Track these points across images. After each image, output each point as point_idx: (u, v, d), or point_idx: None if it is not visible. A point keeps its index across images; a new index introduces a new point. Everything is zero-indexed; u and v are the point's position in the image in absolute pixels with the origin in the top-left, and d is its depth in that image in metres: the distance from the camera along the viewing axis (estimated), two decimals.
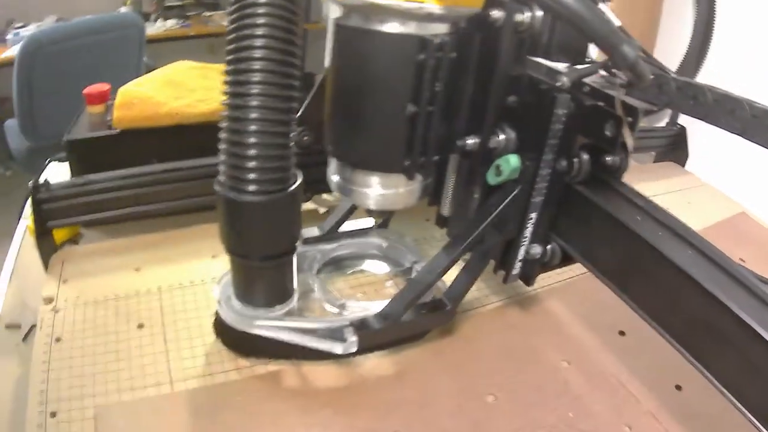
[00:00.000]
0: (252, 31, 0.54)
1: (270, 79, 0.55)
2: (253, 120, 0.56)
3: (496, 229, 0.72)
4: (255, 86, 0.55)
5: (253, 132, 0.56)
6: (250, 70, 0.55)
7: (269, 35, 0.54)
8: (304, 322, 0.69)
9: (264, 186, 0.60)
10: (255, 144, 0.57)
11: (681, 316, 0.58)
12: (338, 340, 0.67)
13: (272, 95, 0.56)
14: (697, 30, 1.37)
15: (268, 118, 0.56)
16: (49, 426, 0.63)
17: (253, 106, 0.55)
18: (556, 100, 0.64)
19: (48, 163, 1.07)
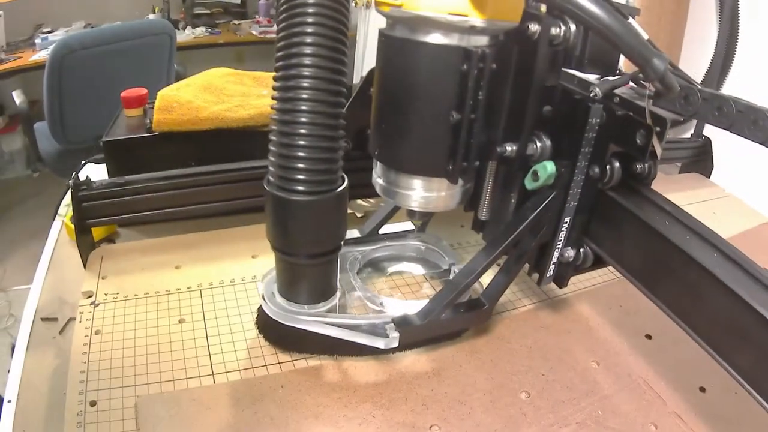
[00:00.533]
0: (302, 35, 0.56)
1: (319, 85, 0.57)
2: (303, 123, 0.58)
3: (532, 232, 0.74)
4: (305, 91, 0.57)
5: (303, 134, 0.59)
6: (300, 75, 0.57)
7: (319, 37, 0.57)
8: (347, 319, 0.71)
9: (312, 186, 0.62)
10: (305, 146, 0.59)
11: (706, 316, 0.60)
12: (380, 335, 0.70)
13: (321, 100, 0.59)
14: (721, 43, 1.39)
15: (317, 121, 0.59)
16: (88, 414, 0.64)
17: (303, 110, 0.58)
18: (589, 110, 0.66)
19: (84, 164, 1.09)
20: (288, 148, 0.60)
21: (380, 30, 0.67)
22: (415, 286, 0.90)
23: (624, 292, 0.94)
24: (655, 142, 0.61)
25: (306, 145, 0.59)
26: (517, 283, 0.94)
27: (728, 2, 1.37)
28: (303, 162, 0.60)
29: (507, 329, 0.84)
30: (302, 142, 0.59)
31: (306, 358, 0.75)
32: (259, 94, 1.06)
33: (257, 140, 0.99)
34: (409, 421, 0.68)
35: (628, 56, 0.55)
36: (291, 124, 0.58)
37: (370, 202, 1.13)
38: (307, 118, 0.57)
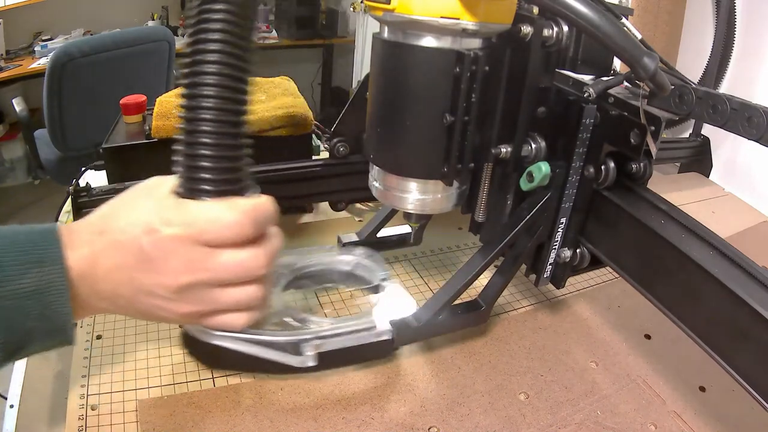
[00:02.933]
0: (205, 41, 0.50)
1: (222, 93, 0.51)
2: (205, 130, 0.52)
3: (528, 233, 0.74)
4: (206, 99, 0.51)
5: (204, 142, 0.52)
6: (202, 83, 0.51)
7: (221, 43, 0.50)
8: (263, 335, 0.66)
9: (214, 194, 0.54)
10: (206, 154, 0.52)
11: (704, 315, 0.60)
12: (295, 353, 0.66)
13: (223, 108, 0.52)
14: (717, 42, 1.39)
15: (219, 129, 0.52)
16: (89, 418, 0.64)
17: (205, 118, 0.51)
18: (583, 111, 0.67)
19: (84, 171, 1.09)
20: (191, 156, 0.53)
21: (374, 34, 0.68)
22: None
23: (622, 292, 0.94)
24: (649, 142, 0.61)
25: (208, 151, 0.52)
26: (515, 284, 0.95)
27: (724, 2, 1.37)
28: (205, 167, 0.53)
29: (505, 330, 0.84)
30: (203, 148, 0.52)
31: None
32: (257, 99, 1.06)
33: (255, 145, 0.99)
34: (408, 423, 0.68)
35: (618, 56, 0.55)
36: (193, 132, 0.52)
37: (368, 206, 1.13)
38: (209, 124, 0.51)
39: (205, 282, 0.52)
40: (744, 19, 1.39)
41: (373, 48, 0.68)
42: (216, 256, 0.51)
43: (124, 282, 0.51)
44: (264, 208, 0.54)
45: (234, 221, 0.51)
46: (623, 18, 0.68)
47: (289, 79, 1.19)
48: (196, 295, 0.53)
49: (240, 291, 0.55)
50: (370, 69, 0.70)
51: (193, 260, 0.50)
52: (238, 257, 0.52)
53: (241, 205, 0.52)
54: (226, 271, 0.52)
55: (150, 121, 1.02)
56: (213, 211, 0.51)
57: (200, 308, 0.54)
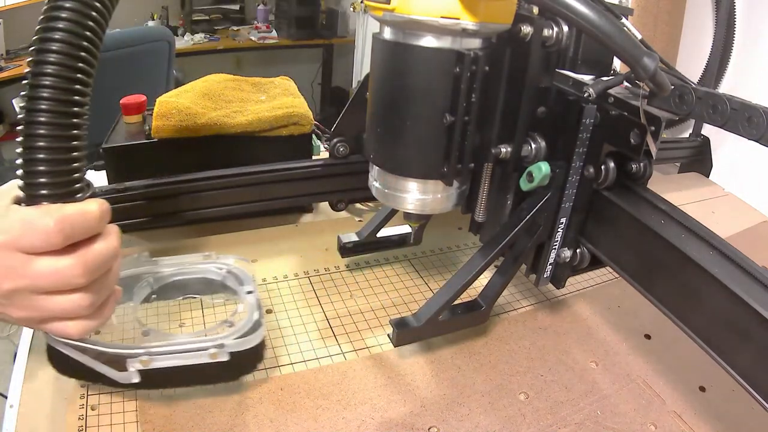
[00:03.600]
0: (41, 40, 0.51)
1: (54, 95, 0.51)
2: (32, 132, 0.52)
3: (528, 233, 0.74)
4: (39, 99, 0.51)
5: (34, 146, 0.52)
6: (38, 84, 0.51)
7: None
8: (95, 344, 0.63)
9: (38, 198, 0.53)
10: (32, 157, 0.52)
11: (704, 315, 0.60)
12: (120, 368, 0.64)
13: (52, 109, 0.52)
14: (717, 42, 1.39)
15: (46, 131, 0.52)
16: (89, 419, 0.65)
17: (35, 120, 0.51)
18: (583, 111, 0.67)
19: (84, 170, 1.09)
20: (23, 157, 0.53)
21: (374, 34, 0.68)
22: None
23: (622, 292, 0.94)
24: (649, 142, 0.61)
25: (33, 153, 0.52)
26: (515, 284, 0.95)
27: (724, 2, 1.37)
28: (32, 170, 0.52)
29: (505, 330, 0.84)
30: (29, 150, 0.52)
31: (305, 361, 0.75)
32: (257, 99, 1.06)
33: (256, 145, 0.99)
34: (408, 423, 0.68)
35: (618, 56, 0.55)
36: (26, 134, 0.52)
37: (368, 206, 1.13)
38: (38, 125, 0.51)
39: (26, 288, 0.51)
40: (744, 19, 1.39)
41: (373, 48, 0.68)
42: (32, 263, 0.51)
43: None
44: (82, 214, 0.52)
45: (43, 228, 0.50)
46: (623, 18, 0.68)
47: (289, 79, 1.19)
48: (21, 300, 0.52)
49: (63, 299, 0.53)
50: (370, 69, 0.70)
51: (10, 267, 0.50)
52: (54, 265, 0.51)
53: (54, 212, 0.51)
54: (42, 278, 0.51)
55: (150, 121, 1.02)
56: (28, 217, 0.50)
57: (31, 314, 0.53)
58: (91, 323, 0.57)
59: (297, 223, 1.09)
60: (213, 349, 0.64)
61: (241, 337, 0.66)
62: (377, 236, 0.93)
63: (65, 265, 0.51)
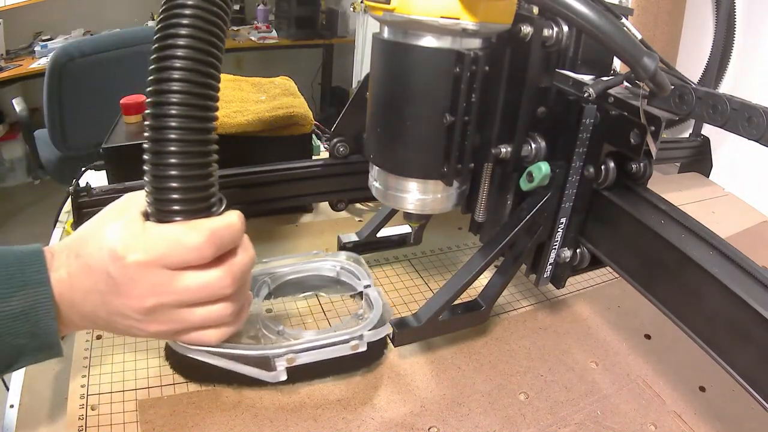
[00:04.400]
0: (173, 47, 0.50)
1: (187, 112, 0.50)
2: (168, 151, 0.51)
3: (528, 233, 0.74)
4: (172, 118, 0.50)
5: (169, 163, 0.51)
6: (167, 102, 0.50)
7: (190, 50, 0.50)
8: (236, 349, 0.66)
9: (179, 214, 0.53)
10: (170, 175, 0.52)
11: (704, 315, 0.60)
12: (267, 368, 0.66)
13: (188, 127, 0.51)
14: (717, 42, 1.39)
15: (184, 149, 0.51)
16: (89, 419, 0.65)
17: (169, 137, 0.51)
18: (583, 111, 0.67)
19: (84, 170, 1.09)
20: (156, 176, 0.52)
21: (374, 34, 0.68)
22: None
23: (622, 292, 0.94)
24: (649, 142, 0.61)
25: (172, 171, 0.51)
26: (515, 284, 0.95)
27: (724, 2, 1.37)
28: (170, 188, 0.52)
29: (505, 330, 0.84)
30: (168, 168, 0.51)
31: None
32: (257, 99, 1.06)
33: (256, 145, 0.99)
34: (408, 423, 0.68)
35: (618, 56, 0.55)
36: (157, 153, 0.51)
37: (368, 206, 1.13)
38: (174, 144, 0.50)
39: (171, 304, 0.53)
40: (744, 19, 1.39)
41: (373, 48, 0.68)
42: (179, 279, 0.52)
43: (99, 304, 0.52)
44: (228, 227, 0.54)
45: (194, 245, 0.51)
46: (623, 18, 0.68)
47: (289, 79, 1.19)
48: (163, 315, 0.53)
49: (207, 310, 0.55)
50: (370, 69, 0.70)
51: (156, 284, 0.51)
52: (202, 279, 0.53)
53: (202, 227, 0.52)
54: (190, 293, 0.53)
55: None
56: (174, 234, 0.51)
57: (170, 327, 0.55)
58: (229, 329, 0.60)
59: (297, 223, 1.09)
60: (354, 341, 0.69)
61: (374, 328, 0.71)
62: (377, 236, 0.93)
63: (214, 277, 0.53)
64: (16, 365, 0.53)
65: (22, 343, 0.51)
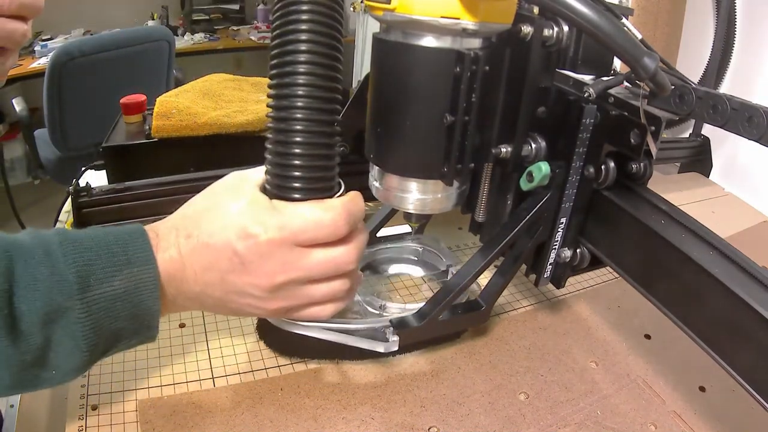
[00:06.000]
0: (296, 42, 0.52)
1: (314, 92, 0.54)
2: (299, 129, 0.54)
3: (528, 233, 0.74)
4: (300, 99, 0.53)
5: (299, 140, 0.55)
6: (294, 84, 0.53)
7: (312, 44, 0.52)
8: (347, 323, 0.70)
9: (308, 193, 0.57)
10: (300, 153, 0.55)
11: (704, 315, 0.60)
12: (380, 339, 0.69)
13: (316, 107, 0.54)
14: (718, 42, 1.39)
15: (313, 128, 0.55)
16: (89, 419, 0.65)
17: (299, 117, 0.54)
18: (583, 111, 0.67)
19: (84, 170, 1.09)
20: (284, 155, 0.55)
21: (374, 34, 0.67)
22: (414, 289, 0.90)
23: (623, 292, 0.94)
24: (649, 141, 0.61)
25: (302, 152, 0.55)
26: (515, 284, 0.95)
27: (724, 2, 1.37)
28: (299, 169, 0.55)
29: (505, 330, 0.84)
30: (298, 149, 0.55)
31: (305, 361, 0.76)
32: (257, 99, 1.06)
33: (256, 145, 0.98)
34: (408, 423, 0.68)
35: (618, 56, 0.55)
36: (286, 132, 0.54)
37: (368, 206, 1.13)
38: (303, 125, 0.54)
39: (298, 280, 0.55)
40: (744, 19, 1.39)
41: (373, 48, 0.68)
42: (310, 255, 0.54)
43: (215, 283, 0.53)
44: (355, 206, 0.56)
45: (330, 223, 0.53)
46: (623, 18, 0.68)
47: None
48: (288, 292, 0.55)
49: (330, 285, 0.57)
50: (370, 69, 0.70)
51: (288, 261, 0.53)
52: (331, 255, 0.55)
53: (335, 206, 0.54)
54: (319, 269, 0.55)
55: (150, 121, 1.02)
56: (309, 213, 0.53)
57: (291, 303, 0.56)
58: (342, 304, 0.61)
59: None
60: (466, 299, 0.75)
61: None
62: (377, 236, 0.93)
63: (342, 253, 0.56)
64: (112, 350, 0.53)
65: (121, 327, 0.51)
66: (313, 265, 0.54)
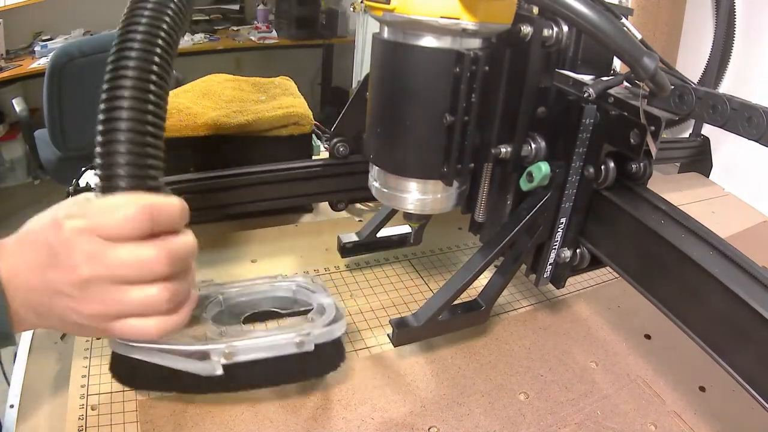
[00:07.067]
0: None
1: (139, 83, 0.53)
2: (114, 119, 0.53)
3: (528, 233, 0.74)
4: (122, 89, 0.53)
5: (110, 129, 0.53)
6: (122, 75, 0.53)
7: None
8: (172, 343, 0.62)
9: (117, 182, 0.53)
10: (109, 141, 0.53)
11: (704, 315, 0.60)
12: (204, 360, 0.62)
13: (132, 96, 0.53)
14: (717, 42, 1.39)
15: (122, 116, 0.53)
16: (89, 418, 0.65)
17: (115, 107, 0.53)
18: (583, 111, 0.67)
19: (84, 171, 1.09)
20: (101, 145, 0.54)
21: (374, 34, 0.68)
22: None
23: (622, 292, 0.94)
24: (649, 142, 0.61)
25: (110, 139, 0.53)
26: (515, 284, 0.95)
27: (724, 2, 1.37)
28: (111, 156, 0.53)
29: (505, 330, 0.84)
30: (108, 137, 0.53)
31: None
32: (257, 99, 1.06)
33: (256, 145, 0.99)
34: (408, 423, 0.68)
35: (618, 56, 0.55)
36: (104, 122, 0.54)
37: (368, 206, 1.13)
38: (116, 114, 0.53)
39: (104, 277, 0.50)
40: (744, 19, 1.39)
41: (373, 48, 0.68)
42: (113, 250, 0.49)
43: (39, 284, 0.51)
44: (166, 206, 0.52)
45: (130, 213, 0.49)
46: (623, 18, 0.68)
47: (289, 79, 1.19)
48: (99, 291, 0.51)
49: (143, 291, 0.52)
50: (370, 69, 0.70)
51: (91, 253, 0.49)
52: (136, 252, 0.50)
53: (139, 199, 0.50)
54: (123, 265, 0.50)
55: None
56: (111, 202, 0.50)
57: (105, 308, 0.52)
58: (169, 321, 0.55)
59: (297, 223, 1.09)
60: (299, 338, 0.64)
61: (326, 327, 0.67)
62: (377, 236, 0.93)
63: (149, 252, 0.51)
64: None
65: None
66: (116, 260, 0.49)
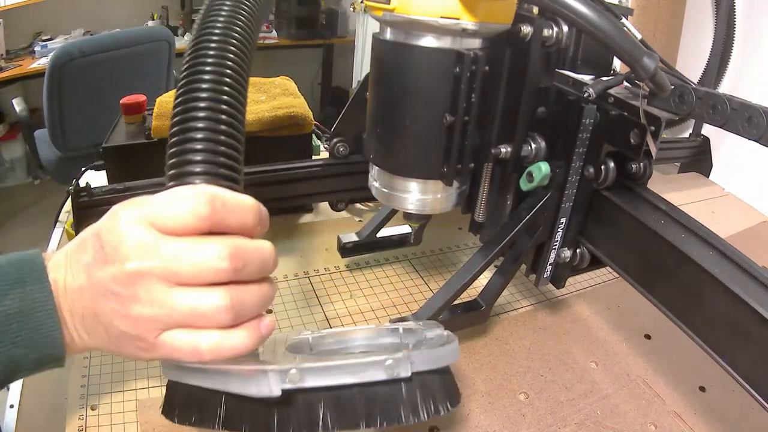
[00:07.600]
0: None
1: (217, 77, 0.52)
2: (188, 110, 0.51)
3: (528, 233, 0.74)
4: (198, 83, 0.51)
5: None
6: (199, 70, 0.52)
7: None
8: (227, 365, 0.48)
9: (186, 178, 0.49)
10: (180, 131, 0.50)
11: (704, 315, 0.60)
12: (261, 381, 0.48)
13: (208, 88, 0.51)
14: (717, 42, 1.39)
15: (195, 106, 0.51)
16: (89, 419, 0.65)
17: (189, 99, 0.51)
18: (583, 111, 0.67)
19: (84, 170, 1.09)
20: (173, 139, 0.50)
21: (374, 34, 0.68)
22: None
23: (622, 292, 0.94)
24: (649, 141, 0.61)
25: (183, 129, 0.50)
26: (515, 284, 0.95)
27: (724, 2, 1.37)
28: (189, 152, 0.49)
29: (505, 330, 0.84)
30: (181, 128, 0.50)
31: None
32: (257, 99, 1.06)
33: (256, 146, 0.99)
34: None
35: (618, 56, 0.55)
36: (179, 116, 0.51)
37: (368, 206, 1.13)
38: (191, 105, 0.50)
39: (156, 272, 0.44)
40: (744, 19, 1.39)
41: (372, 48, 0.68)
42: (168, 241, 0.44)
43: (86, 285, 0.46)
44: (236, 202, 0.46)
45: (192, 203, 0.43)
46: (623, 18, 0.68)
47: (289, 79, 1.19)
48: (147, 288, 0.44)
49: (198, 295, 0.44)
50: (370, 69, 0.70)
51: (143, 243, 0.43)
52: (194, 245, 0.44)
53: (204, 189, 0.45)
54: (178, 259, 0.43)
55: (150, 121, 1.02)
56: (172, 191, 0.45)
57: (152, 311, 0.44)
58: (226, 338, 0.46)
59: (297, 223, 1.09)
60: (390, 361, 0.48)
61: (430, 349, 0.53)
62: (377, 236, 0.93)
63: (209, 248, 0.44)
64: (15, 378, 0.48)
65: (20, 354, 0.45)
66: (170, 254, 0.43)
